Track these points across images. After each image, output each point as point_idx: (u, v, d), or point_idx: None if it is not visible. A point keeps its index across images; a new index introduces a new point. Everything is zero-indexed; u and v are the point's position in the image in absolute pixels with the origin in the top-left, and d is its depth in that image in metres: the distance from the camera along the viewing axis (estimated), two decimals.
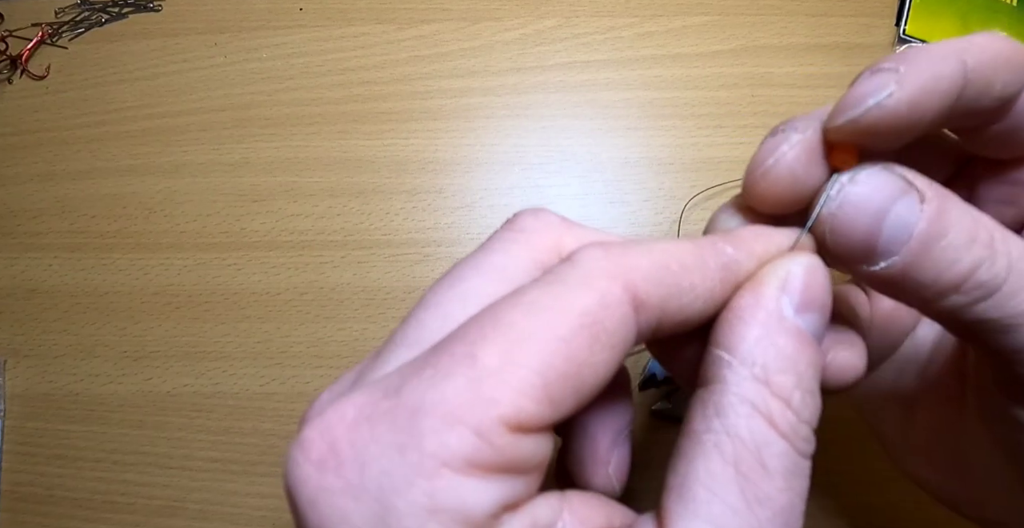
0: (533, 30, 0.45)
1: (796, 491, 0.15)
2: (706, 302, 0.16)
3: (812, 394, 0.15)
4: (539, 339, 0.14)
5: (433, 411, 0.13)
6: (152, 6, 0.46)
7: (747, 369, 0.15)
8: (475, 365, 0.13)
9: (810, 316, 0.16)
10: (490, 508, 0.13)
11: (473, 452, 0.13)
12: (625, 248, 0.15)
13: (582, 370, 0.14)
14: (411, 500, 0.12)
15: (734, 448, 0.14)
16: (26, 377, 0.40)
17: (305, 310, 0.40)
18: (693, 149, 0.42)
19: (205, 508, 0.38)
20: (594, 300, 0.14)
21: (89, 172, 0.43)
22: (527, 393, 0.13)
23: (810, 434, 0.15)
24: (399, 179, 0.42)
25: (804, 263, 0.16)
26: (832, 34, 0.44)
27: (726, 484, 0.14)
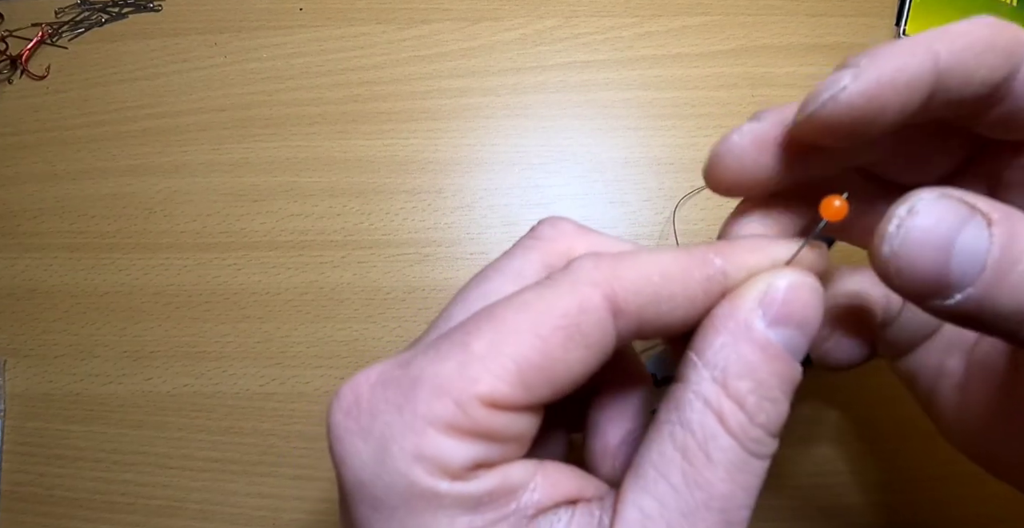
0: (533, 30, 0.45)
1: (739, 484, 0.16)
2: (687, 310, 0.17)
3: (772, 402, 0.17)
4: (521, 334, 0.16)
5: (427, 383, 0.16)
6: (152, 6, 0.46)
7: (708, 371, 0.17)
8: (466, 350, 0.16)
9: (784, 330, 0.17)
10: (464, 462, 0.16)
11: (452, 418, 0.16)
12: (616, 258, 0.17)
13: (555, 364, 0.16)
14: (402, 446, 0.16)
15: (684, 437, 0.16)
16: (26, 377, 0.40)
17: (305, 310, 0.40)
18: (693, 149, 0.42)
19: (205, 508, 0.38)
20: (574, 304, 0.17)
21: (89, 172, 0.43)
22: (503, 378, 0.16)
23: (764, 437, 0.17)
24: (399, 179, 0.42)
25: (788, 279, 0.17)
26: (832, 34, 0.44)
27: (672, 467, 0.16)
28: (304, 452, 0.38)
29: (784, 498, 0.37)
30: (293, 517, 0.37)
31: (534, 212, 0.42)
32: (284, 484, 0.38)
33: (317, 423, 0.38)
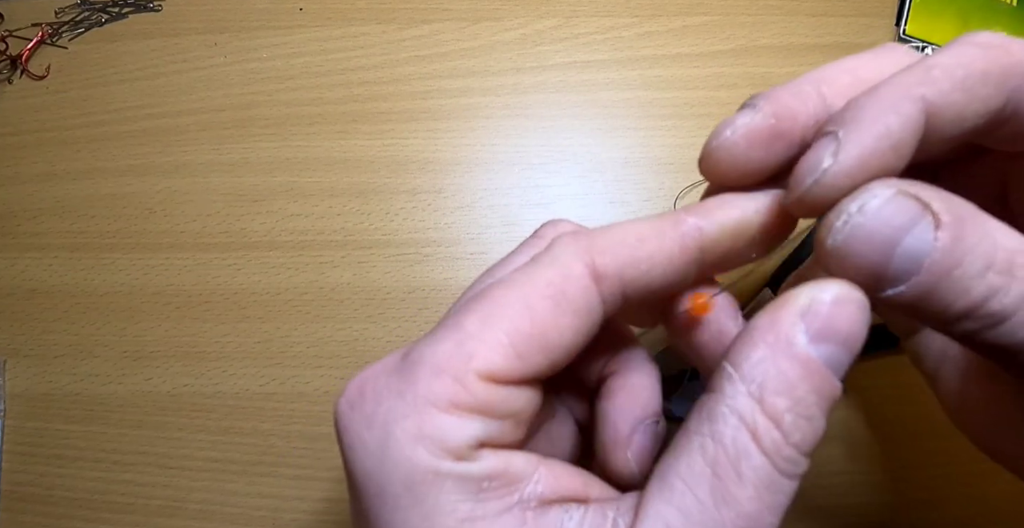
0: (533, 30, 0.45)
1: (767, 504, 0.16)
2: (666, 268, 0.18)
3: (809, 420, 0.16)
4: (510, 307, 0.17)
5: (426, 364, 0.16)
6: (152, 6, 0.46)
7: (745, 385, 0.16)
8: (461, 330, 0.17)
9: (827, 347, 0.16)
10: (466, 440, 0.16)
11: (453, 395, 0.16)
12: (593, 231, 0.18)
13: (547, 331, 0.17)
14: (405, 429, 0.16)
15: (715, 452, 0.16)
16: (26, 377, 0.40)
17: (305, 310, 0.40)
18: (693, 149, 0.42)
19: (205, 508, 0.37)
20: (557, 274, 0.17)
21: (89, 172, 0.43)
22: (497, 350, 0.16)
23: (797, 456, 0.16)
24: (399, 179, 0.42)
25: (834, 292, 0.16)
26: (832, 34, 0.44)
27: (701, 481, 0.16)
28: (304, 452, 0.38)
29: None
30: (293, 517, 0.37)
31: (534, 212, 0.42)
32: (284, 484, 0.38)
33: (317, 423, 0.38)
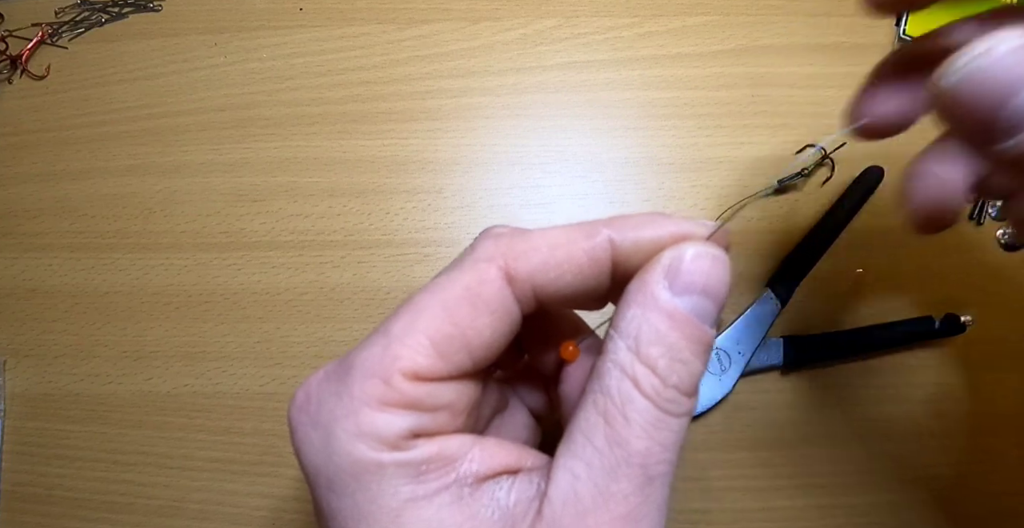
0: (533, 30, 0.45)
1: (656, 440, 0.18)
2: (575, 275, 0.19)
3: (684, 363, 0.18)
4: (431, 310, 0.19)
5: (358, 368, 0.18)
6: (152, 6, 0.46)
7: (623, 341, 0.18)
8: (387, 335, 0.18)
9: (691, 298, 0.18)
10: (399, 432, 0.18)
11: (382, 394, 0.18)
12: (513, 235, 0.20)
13: (465, 332, 0.19)
14: (344, 427, 0.18)
15: (605, 403, 0.18)
16: (26, 377, 0.40)
17: (305, 310, 0.40)
18: (693, 149, 0.42)
19: (205, 508, 0.37)
20: (473, 278, 0.19)
21: (89, 172, 0.43)
22: (420, 351, 0.18)
23: (677, 396, 0.18)
24: (399, 179, 0.42)
25: (692, 250, 0.19)
26: (832, 34, 0.44)
27: (596, 431, 0.18)
28: None
29: (784, 498, 0.37)
30: (293, 517, 0.37)
31: (534, 212, 0.42)
32: (284, 484, 0.38)
33: None
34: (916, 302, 0.40)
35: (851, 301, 0.40)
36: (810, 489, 0.37)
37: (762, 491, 0.37)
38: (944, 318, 0.38)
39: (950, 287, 0.40)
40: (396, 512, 0.17)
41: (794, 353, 0.38)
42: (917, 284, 0.40)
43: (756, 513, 0.37)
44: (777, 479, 0.38)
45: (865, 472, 0.38)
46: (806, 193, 0.42)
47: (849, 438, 0.38)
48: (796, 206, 0.41)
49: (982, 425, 0.39)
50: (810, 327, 0.39)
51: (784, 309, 0.39)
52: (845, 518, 0.37)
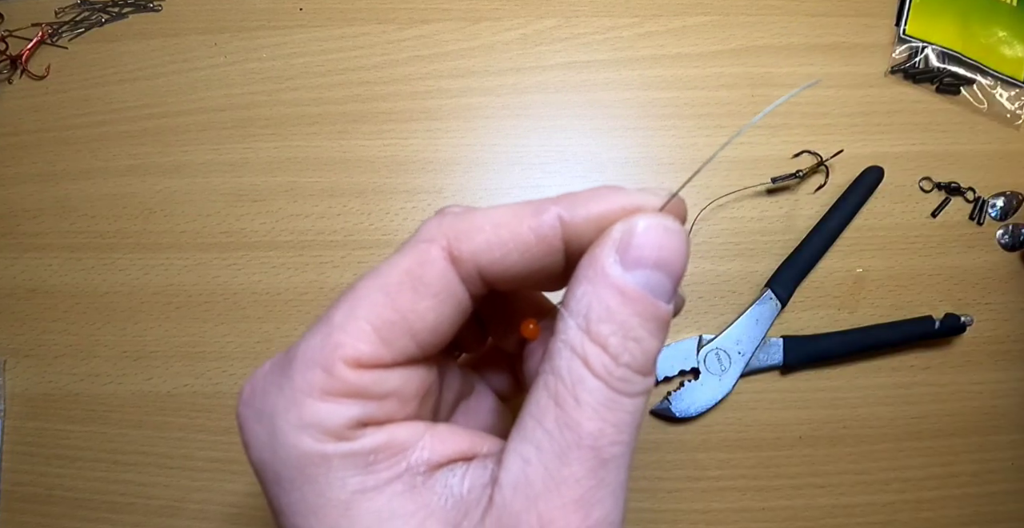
0: (533, 30, 0.45)
1: (609, 421, 0.17)
2: (523, 254, 0.18)
3: (637, 341, 0.17)
4: (371, 296, 0.18)
5: (299, 358, 0.18)
6: (152, 6, 0.46)
7: (573, 319, 0.17)
8: (328, 323, 0.18)
9: (643, 272, 0.17)
10: (344, 422, 0.17)
11: (324, 384, 0.17)
12: (458, 214, 0.19)
13: (408, 316, 0.18)
14: (288, 420, 0.17)
15: (555, 384, 0.17)
16: (26, 377, 0.40)
17: (305, 310, 0.40)
18: (693, 149, 0.42)
19: (205, 508, 0.37)
20: (414, 261, 0.18)
21: (89, 172, 0.43)
22: (361, 338, 0.17)
23: (630, 375, 0.17)
24: (399, 179, 0.42)
25: (643, 222, 0.18)
26: (832, 34, 0.44)
27: (547, 413, 0.17)
28: None
29: (784, 498, 0.37)
30: None
31: None
32: None
33: None
34: (916, 302, 0.40)
35: (851, 301, 0.40)
36: (810, 489, 0.37)
37: (762, 491, 0.37)
38: (944, 318, 0.38)
39: (950, 287, 0.40)
40: (345, 504, 0.17)
41: (794, 353, 0.38)
42: (917, 284, 0.40)
43: (756, 513, 0.37)
44: (777, 479, 0.38)
45: (864, 472, 0.38)
46: (806, 193, 0.42)
47: (849, 438, 0.38)
48: (796, 206, 0.41)
49: (981, 425, 0.39)
50: (810, 327, 0.39)
51: (784, 309, 0.39)
52: (845, 518, 0.37)
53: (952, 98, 0.43)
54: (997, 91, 0.43)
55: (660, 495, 0.37)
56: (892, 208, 0.42)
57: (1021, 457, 0.38)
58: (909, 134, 0.43)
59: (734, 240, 0.41)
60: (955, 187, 0.42)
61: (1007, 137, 0.43)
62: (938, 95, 0.43)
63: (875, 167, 0.41)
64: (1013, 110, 0.43)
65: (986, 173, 0.42)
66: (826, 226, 0.40)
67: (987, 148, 0.43)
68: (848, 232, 0.41)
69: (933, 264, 0.41)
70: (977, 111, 0.43)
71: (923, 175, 0.42)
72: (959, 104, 0.43)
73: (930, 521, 0.37)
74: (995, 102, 0.43)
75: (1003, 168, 0.42)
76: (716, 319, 0.40)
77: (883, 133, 0.43)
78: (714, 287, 0.40)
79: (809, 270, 0.40)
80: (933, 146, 0.42)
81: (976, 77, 0.43)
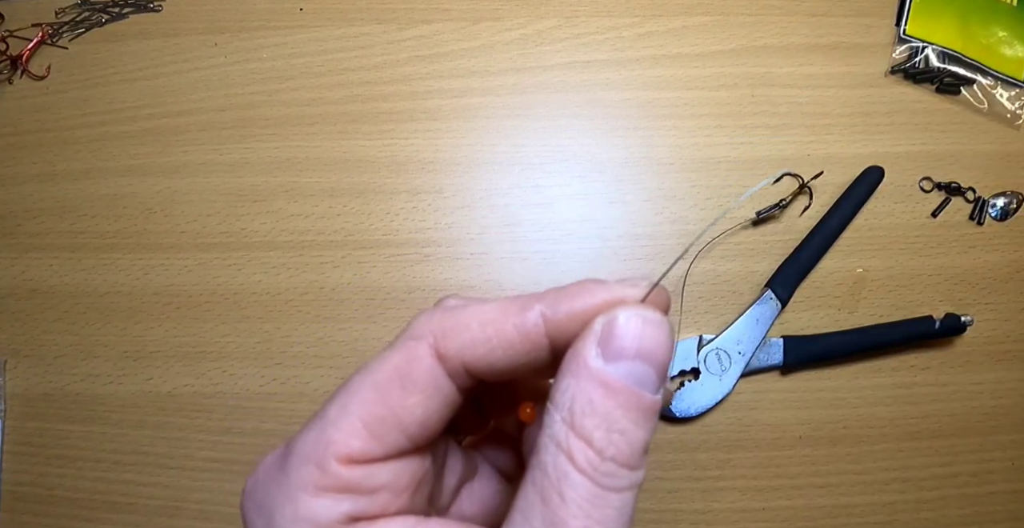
0: (533, 30, 0.45)
1: (595, 519, 0.17)
2: (507, 351, 0.19)
3: (622, 434, 0.17)
4: (362, 393, 0.19)
5: (296, 454, 0.18)
6: (152, 6, 0.46)
7: (558, 413, 0.17)
8: (323, 419, 0.18)
9: (625, 364, 0.17)
10: (336, 517, 0.18)
11: (318, 480, 0.18)
12: (446, 311, 0.20)
13: (397, 411, 0.18)
14: (284, 514, 0.18)
15: (541, 480, 0.17)
16: (26, 377, 0.40)
17: (305, 310, 0.40)
18: (693, 149, 0.42)
19: (205, 508, 0.38)
20: (403, 358, 0.19)
21: (89, 172, 0.43)
22: (353, 435, 0.18)
23: (616, 470, 0.17)
24: (399, 179, 0.42)
25: (623, 314, 0.18)
26: (832, 34, 0.44)
27: (534, 511, 0.17)
28: None
29: (784, 498, 0.37)
30: None
31: (534, 212, 0.42)
32: None
33: None
34: (916, 302, 0.40)
35: (851, 301, 0.40)
36: (810, 489, 0.37)
37: (762, 491, 0.37)
38: (944, 318, 0.38)
39: (950, 287, 0.40)
40: None
41: (794, 353, 0.38)
42: (917, 284, 0.40)
43: (756, 513, 0.37)
44: (777, 479, 0.38)
45: (864, 472, 0.38)
46: (802, 200, 0.42)
47: (849, 438, 0.38)
48: (796, 206, 0.41)
49: (981, 425, 0.39)
50: (810, 327, 0.39)
51: (784, 309, 0.39)
52: (845, 518, 0.37)
53: (952, 98, 0.43)
54: (997, 91, 0.43)
55: (660, 495, 0.37)
56: (892, 208, 0.42)
57: (1021, 457, 0.38)
58: (909, 134, 0.43)
59: (734, 240, 0.41)
60: (955, 187, 0.42)
61: (1007, 137, 0.43)
62: (938, 95, 0.43)
63: (875, 167, 0.41)
64: (1013, 110, 0.43)
65: (986, 173, 0.42)
66: (826, 226, 0.40)
67: (987, 148, 0.43)
68: (848, 232, 0.41)
69: (933, 264, 0.41)
70: (977, 111, 0.43)
71: (923, 175, 0.42)
72: (959, 104, 0.43)
73: (930, 521, 0.37)
74: (995, 102, 0.43)
75: (1003, 168, 0.42)
76: (716, 319, 0.40)
77: (883, 133, 0.43)
78: (714, 287, 0.40)
79: (809, 270, 0.40)
80: (933, 146, 0.42)
81: (976, 77, 0.43)
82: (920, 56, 0.44)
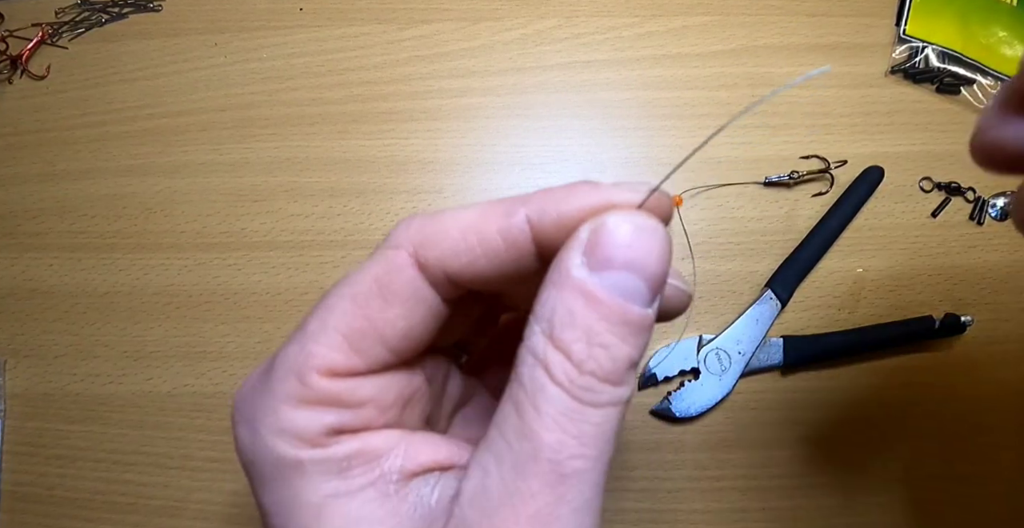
0: (533, 30, 0.45)
1: (571, 434, 0.16)
2: (491, 259, 0.18)
3: (604, 348, 0.16)
4: (342, 305, 0.18)
5: (278, 366, 0.18)
6: (152, 6, 0.46)
7: (538, 325, 0.17)
8: (303, 331, 0.18)
9: (612, 274, 0.16)
10: (318, 429, 0.17)
11: (299, 392, 0.17)
12: (426, 218, 0.19)
13: (377, 324, 0.18)
14: (267, 425, 0.18)
15: (516, 392, 0.17)
16: (26, 377, 0.40)
17: (305, 310, 0.40)
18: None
19: (205, 508, 0.37)
20: (382, 268, 0.18)
21: (89, 172, 0.43)
22: (333, 348, 0.18)
23: (595, 384, 0.16)
24: (399, 179, 0.42)
25: (612, 220, 0.17)
26: (832, 34, 0.44)
27: (508, 423, 0.17)
28: None
29: (784, 498, 0.37)
30: None
31: None
32: None
33: None
34: (916, 302, 0.40)
35: (851, 301, 0.40)
36: (810, 489, 0.37)
37: (762, 491, 0.37)
38: (944, 318, 0.38)
39: (950, 287, 0.40)
40: (318, 507, 0.17)
41: (794, 353, 0.38)
42: (917, 284, 0.40)
43: (756, 513, 0.37)
44: (777, 479, 0.38)
45: (864, 472, 0.38)
46: (806, 193, 0.42)
47: (848, 438, 0.38)
48: (796, 206, 0.41)
49: (981, 425, 0.39)
50: (810, 327, 0.39)
51: (784, 309, 0.39)
52: (845, 518, 0.37)
53: (952, 98, 0.43)
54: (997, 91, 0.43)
55: (660, 495, 0.37)
56: (892, 208, 0.42)
57: (1021, 457, 0.38)
58: (909, 134, 0.43)
59: (734, 240, 0.41)
60: (955, 187, 0.42)
61: None
62: (938, 95, 0.43)
63: (875, 167, 0.41)
64: None
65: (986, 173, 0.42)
66: (826, 226, 0.40)
67: None
68: (848, 232, 0.41)
69: (933, 264, 0.41)
70: (977, 111, 0.43)
71: (923, 175, 0.42)
72: (959, 104, 0.43)
73: (930, 521, 0.37)
74: None
75: None
76: (716, 319, 0.40)
77: (883, 133, 0.43)
78: (714, 287, 0.40)
79: (809, 270, 0.40)
80: (933, 146, 0.42)
81: (976, 77, 0.43)
82: (920, 56, 0.44)
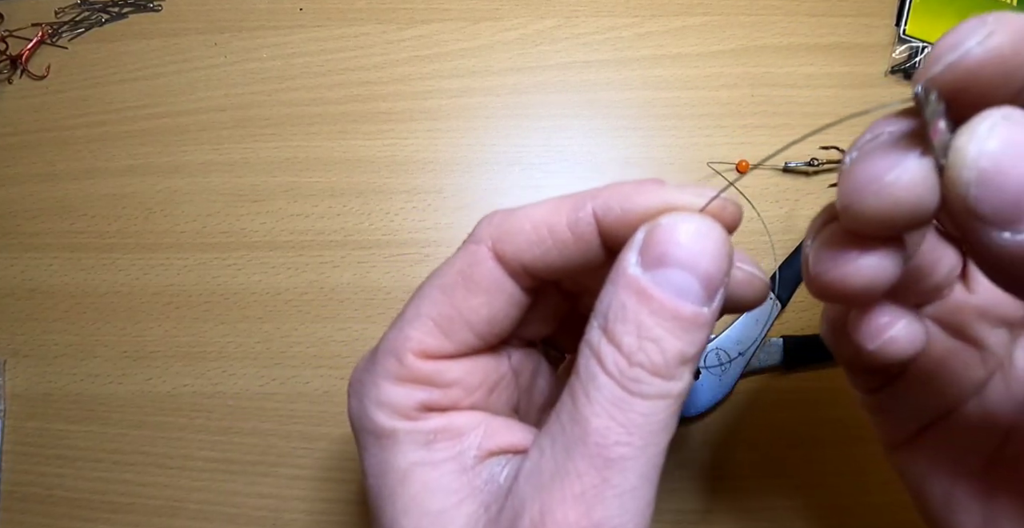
0: (533, 30, 0.45)
1: (618, 421, 0.17)
2: (561, 251, 0.20)
3: (654, 342, 0.17)
4: (432, 294, 0.21)
5: (382, 348, 0.21)
6: (152, 6, 0.46)
7: (596, 320, 0.18)
8: (402, 318, 0.21)
9: (665, 271, 0.17)
10: (411, 405, 0.20)
11: (396, 371, 0.20)
12: (506, 213, 0.20)
13: (463, 311, 0.20)
14: (370, 398, 0.20)
15: (573, 381, 0.18)
16: (26, 377, 0.40)
17: (305, 310, 0.40)
18: (693, 149, 0.42)
19: (205, 508, 0.37)
20: (465, 261, 0.20)
21: (89, 172, 0.43)
22: (425, 332, 0.20)
23: (644, 376, 0.17)
24: (399, 179, 0.42)
25: (667, 220, 0.18)
26: (832, 34, 0.44)
27: (564, 408, 0.18)
28: (304, 452, 0.38)
29: (784, 498, 0.37)
30: (293, 517, 0.37)
31: None
32: (284, 484, 0.38)
33: (317, 423, 0.38)
34: None
35: None
36: (810, 489, 0.37)
37: (762, 491, 0.37)
38: None
39: None
40: (404, 472, 0.19)
41: (794, 353, 0.38)
42: None
43: (756, 513, 0.37)
44: (777, 479, 0.38)
45: (864, 472, 0.38)
46: (806, 192, 0.42)
47: (848, 438, 0.38)
48: (796, 206, 0.41)
49: None
50: (810, 327, 0.39)
51: (784, 309, 0.39)
52: (845, 518, 0.37)
53: None
54: None
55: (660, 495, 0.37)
56: None
57: None
58: None
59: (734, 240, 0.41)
60: None
61: None
62: None
63: None
64: None
65: None
66: None
67: None
68: None
69: None
70: None
71: None
72: None
73: None
74: None
75: None
76: None
77: None
78: None
79: None
80: None
81: None
82: (920, 56, 0.44)
